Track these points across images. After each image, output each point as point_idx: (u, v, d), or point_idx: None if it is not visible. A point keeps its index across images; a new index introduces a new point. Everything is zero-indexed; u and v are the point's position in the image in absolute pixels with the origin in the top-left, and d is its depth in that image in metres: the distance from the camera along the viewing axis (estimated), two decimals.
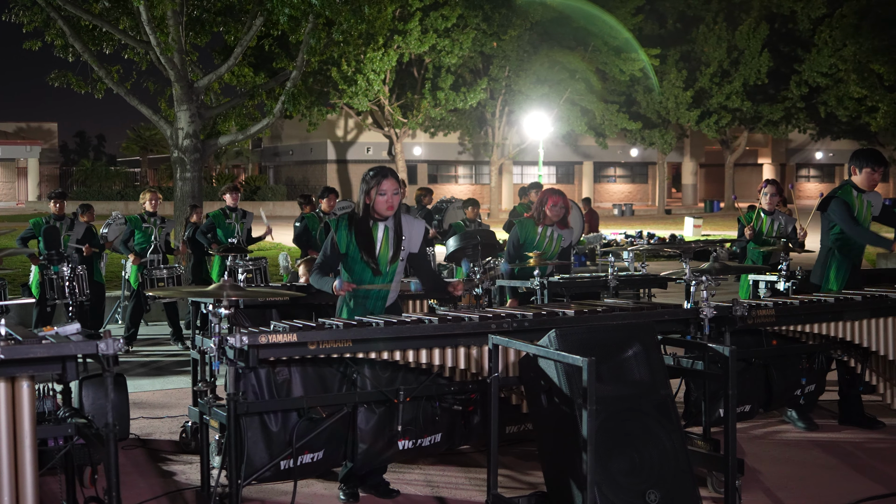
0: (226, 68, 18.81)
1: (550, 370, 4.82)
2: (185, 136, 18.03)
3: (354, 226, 5.84)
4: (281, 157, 60.47)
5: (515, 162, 54.26)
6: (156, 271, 11.59)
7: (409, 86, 42.92)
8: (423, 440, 5.80)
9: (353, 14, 16.82)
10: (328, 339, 5.06)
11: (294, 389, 5.27)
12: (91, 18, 18.58)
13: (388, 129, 43.44)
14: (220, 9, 20.25)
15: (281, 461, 5.22)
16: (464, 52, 37.93)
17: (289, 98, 18.14)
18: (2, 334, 4.02)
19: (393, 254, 5.87)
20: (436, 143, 53.07)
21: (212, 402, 5.14)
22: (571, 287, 8.18)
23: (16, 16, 19.97)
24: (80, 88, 20.41)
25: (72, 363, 4.25)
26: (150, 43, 18.06)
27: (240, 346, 4.76)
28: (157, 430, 7.64)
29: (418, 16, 34.72)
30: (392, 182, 5.79)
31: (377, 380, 5.49)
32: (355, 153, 55.39)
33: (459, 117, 45.02)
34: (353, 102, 36.06)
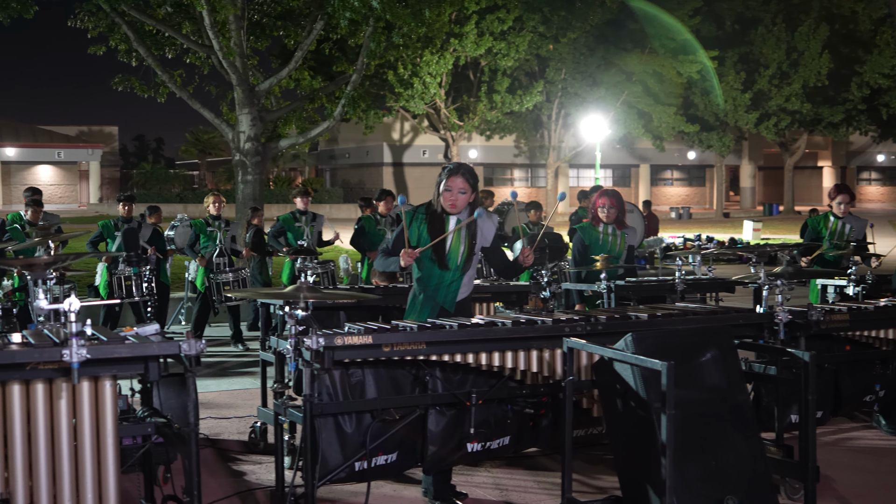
0: (286, 72, 18.98)
1: (626, 374, 4.79)
2: (247, 140, 18.21)
3: (427, 218, 5.84)
4: (337, 159, 60.80)
5: (571, 165, 54.08)
6: (222, 274, 11.68)
7: (465, 89, 42.94)
8: (491, 443, 5.78)
9: (413, 17, 16.90)
10: (402, 341, 5.07)
11: (367, 391, 5.28)
12: (155, 23, 18.85)
13: (444, 131, 43.50)
14: (280, 13, 20.46)
15: (355, 462, 5.23)
16: (520, 54, 37.88)
17: (348, 101, 18.26)
18: (87, 334, 4.08)
19: (465, 249, 5.84)
20: (491, 146, 53.02)
21: (287, 402, 5.17)
22: (639, 290, 8.13)
23: (81, 21, 20.31)
24: (143, 92, 20.72)
25: (154, 363, 4.31)
26: (212, 47, 18.28)
27: (316, 348, 4.79)
28: (224, 430, 7.70)
29: (474, 19, 34.73)
30: (459, 180, 5.75)
31: (448, 382, 5.49)
32: (411, 156, 55.52)
33: (515, 120, 44.97)
34: (409, 105, 36.17)
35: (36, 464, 4.26)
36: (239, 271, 11.82)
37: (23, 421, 4.24)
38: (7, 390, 4.21)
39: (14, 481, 4.24)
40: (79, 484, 4.32)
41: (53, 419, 4.28)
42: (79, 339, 4.01)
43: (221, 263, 11.91)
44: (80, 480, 4.32)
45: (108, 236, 11.54)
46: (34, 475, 4.27)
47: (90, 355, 4.07)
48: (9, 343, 4.29)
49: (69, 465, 4.30)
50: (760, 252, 6.38)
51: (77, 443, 4.30)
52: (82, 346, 4.03)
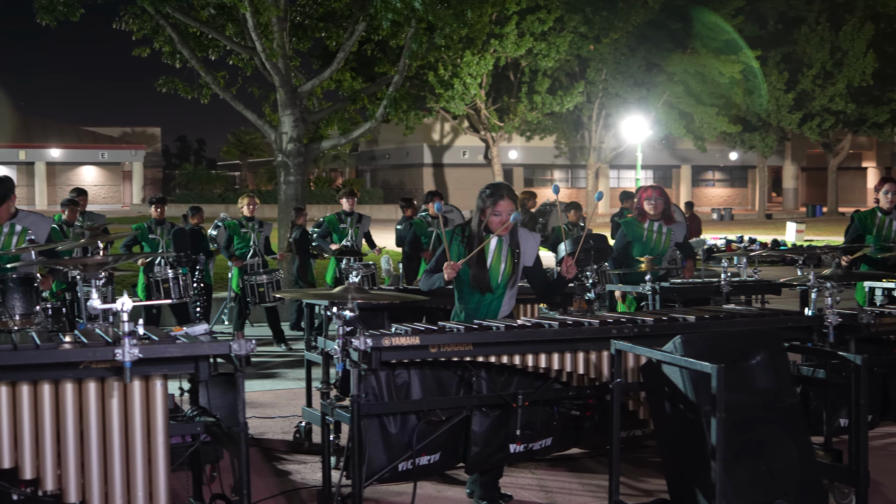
0: (329, 73, 19.03)
1: (675, 376, 4.76)
2: (289, 141, 18.28)
3: (467, 239, 5.83)
4: (377, 160, 60.99)
5: (612, 165, 53.87)
6: (256, 276, 11.72)
7: (506, 89, 42.90)
8: (534, 444, 5.78)
9: (455, 18, 16.88)
10: (449, 342, 5.08)
11: (413, 392, 5.29)
12: (198, 25, 18.98)
13: (485, 132, 43.48)
14: (322, 14, 20.52)
15: (399, 463, 5.24)
16: (560, 55, 37.77)
17: (390, 102, 18.27)
18: (139, 334, 4.12)
19: (506, 268, 5.81)
20: (532, 147, 52.94)
21: (334, 403, 5.19)
22: (683, 292, 8.07)
23: (125, 24, 20.50)
24: (187, 94, 20.87)
25: (204, 363, 4.35)
26: (255, 49, 18.36)
27: (364, 349, 4.80)
28: (269, 429, 7.74)
29: (515, 19, 34.67)
30: (508, 203, 5.76)
31: (493, 383, 5.49)
32: (451, 157, 55.57)
33: (555, 121, 44.87)
34: (449, 106, 36.19)
35: (88, 461, 4.32)
36: (273, 272, 11.86)
37: (75, 419, 4.29)
38: (60, 389, 4.26)
39: (67, 478, 4.30)
40: (130, 482, 4.36)
41: (105, 417, 4.33)
42: (131, 339, 4.05)
43: (255, 265, 11.96)
44: (130, 478, 4.36)
45: (142, 239, 11.62)
46: (86, 472, 4.32)
47: (142, 354, 4.11)
48: (62, 342, 4.34)
49: (120, 463, 4.34)
50: (810, 254, 6.32)
51: (128, 441, 4.35)
52: (135, 345, 4.07)
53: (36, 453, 4.26)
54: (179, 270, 11.05)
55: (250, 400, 8.87)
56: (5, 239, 7.14)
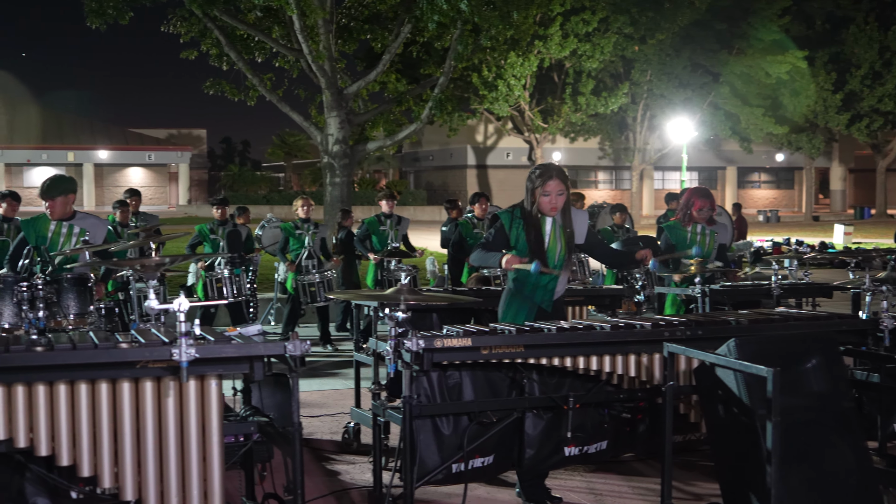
0: (374, 75, 19.13)
1: (729, 380, 4.73)
2: (335, 142, 18.39)
3: (524, 220, 5.87)
4: (421, 162, 61.08)
5: (657, 167, 53.57)
6: (308, 277, 11.79)
7: (550, 91, 42.79)
8: (589, 447, 5.76)
9: (501, 20, 16.89)
10: (501, 343, 5.08)
11: (464, 393, 5.29)
12: (246, 28, 19.15)
13: (529, 134, 43.42)
14: (368, 16, 20.61)
15: (452, 464, 5.25)
16: (605, 56, 37.61)
17: (436, 104, 18.32)
18: (195, 334, 4.16)
19: (561, 248, 5.88)
20: (576, 148, 52.77)
21: (385, 404, 5.20)
22: (734, 295, 8.00)
23: (174, 27, 20.73)
24: (234, 96, 21.06)
25: (259, 363, 4.39)
26: (301, 51, 18.50)
27: (416, 350, 4.82)
28: (317, 429, 7.77)
29: (559, 20, 34.57)
30: (557, 183, 5.81)
31: (545, 385, 5.49)
32: (495, 158, 55.54)
33: (600, 122, 44.69)
34: (493, 108, 36.14)
35: (144, 460, 4.37)
36: (325, 273, 11.93)
37: (132, 418, 4.35)
38: (118, 388, 4.32)
39: (123, 476, 4.35)
40: (185, 480, 4.41)
41: (161, 416, 4.38)
42: (188, 339, 4.09)
43: (310, 266, 12.03)
44: (186, 477, 4.41)
45: (204, 239, 11.76)
46: (142, 471, 4.37)
47: (198, 354, 4.15)
48: (119, 342, 4.40)
49: (176, 462, 4.39)
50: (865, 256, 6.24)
51: (183, 440, 4.39)
52: (191, 345, 4.11)
53: (94, 451, 4.32)
54: (234, 271, 11.16)
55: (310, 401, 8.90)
56: (63, 240, 7.24)
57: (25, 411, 4.25)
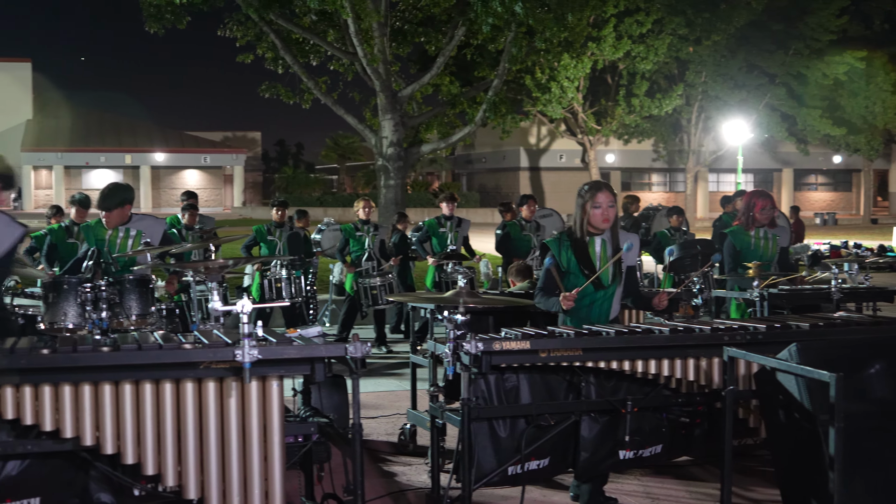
0: (428, 77, 19.19)
1: (790, 385, 4.68)
2: (389, 145, 18.48)
3: (572, 242, 5.88)
4: (474, 164, 61.09)
5: (711, 169, 53.07)
6: (370, 278, 11.84)
7: (603, 92, 42.57)
8: (644, 451, 5.74)
9: (555, 22, 16.87)
10: (559, 347, 5.08)
11: (522, 396, 5.31)
12: (301, 32, 19.31)
13: (582, 136, 43.24)
14: (422, 19, 20.68)
15: (509, 467, 5.26)
16: (659, 57, 37.34)
17: (490, 106, 18.34)
18: (258, 335, 4.21)
19: (613, 268, 5.87)
20: (629, 151, 52.47)
21: (444, 406, 5.23)
22: (793, 299, 7.92)
23: (230, 31, 20.97)
24: (289, 99, 21.24)
25: (320, 364, 4.43)
26: (356, 54, 18.61)
27: (475, 352, 4.84)
28: (372, 430, 7.82)
29: (613, 22, 34.40)
30: (607, 195, 5.83)
31: (602, 388, 5.48)
32: (548, 160, 55.39)
33: (654, 124, 44.36)
34: (546, 110, 36.02)
35: (207, 459, 4.43)
36: (386, 275, 11.97)
37: (195, 417, 4.41)
38: (181, 388, 4.39)
39: (186, 475, 4.42)
40: (246, 480, 4.46)
41: (223, 416, 4.44)
42: (251, 340, 4.14)
43: (370, 268, 12.08)
44: (247, 476, 4.46)
45: (261, 241, 11.87)
46: (205, 470, 4.43)
47: (261, 356, 4.21)
48: (182, 343, 4.46)
49: (238, 462, 4.45)
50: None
51: (245, 440, 4.45)
52: (254, 346, 4.16)
53: (158, 450, 4.39)
54: (293, 273, 11.24)
55: (364, 401, 8.96)
56: (121, 242, 7.36)
57: (92, 410, 4.33)
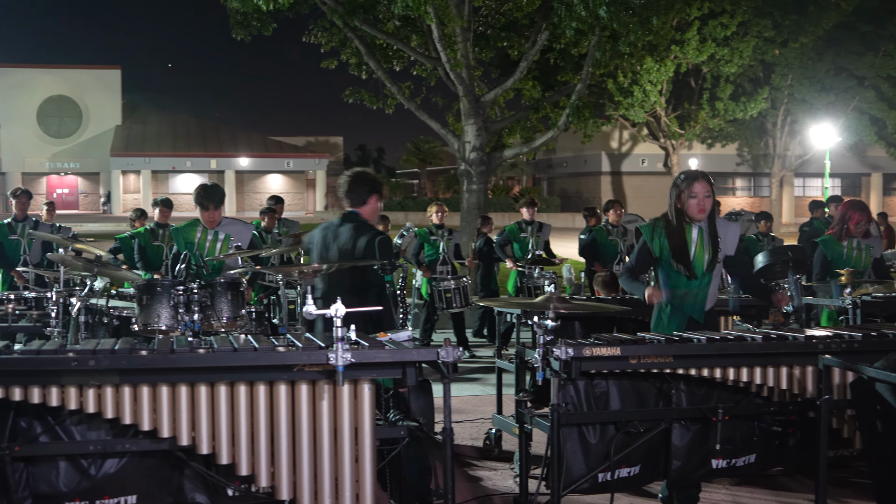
0: (511, 82, 19.18)
1: (888, 395, 4.58)
2: (472, 149, 18.50)
3: (667, 229, 5.81)
4: (555, 168, 60.89)
5: (797, 174, 52.17)
6: (444, 282, 11.86)
7: (686, 96, 42.12)
8: (736, 460, 5.66)
9: (640, 25, 16.73)
10: (650, 353, 5.04)
11: (611, 402, 5.28)
12: (385, 37, 19.45)
13: (664, 140, 42.84)
14: (504, 24, 20.68)
15: (598, 473, 5.23)
16: (744, 60, 36.82)
17: (573, 111, 18.26)
18: (351, 339, 4.25)
19: (709, 256, 5.80)
20: (713, 155, 51.77)
21: (532, 411, 5.22)
22: (887, 306, 7.74)
23: (315, 37, 21.22)
24: (372, 104, 21.41)
25: (412, 368, 4.46)
26: (439, 59, 18.68)
27: (565, 358, 4.82)
28: (457, 435, 7.78)
29: (696, 25, 34.02)
30: (703, 184, 5.76)
31: (693, 396, 5.43)
32: (630, 165, 54.98)
33: (738, 128, 43.72)
34: (628, 114, 35.75)
35: (299, 460, 4.49)
36: (461, 279, 11.98)
37: (288, 419, 4.47)
38: (275, 390, 4.45)
39: (279, 476, 4.48)
40: (338, 481, 4.51)
41: (316, 419, 4.49)
42: (344, 344, 4.19)
43: (444, 272, 12.11)
44: (339, 478, 4.51)
45: None
46: (297, 471, 4.49)
47: (354, 359, 4.25)
48: (276, 346, 4.53)
49: (329, 463, 4.50)
50: None
51: (337, 442, 4.50)
52: (347, 350, 4.21)
53: (251, 451, 4.46)
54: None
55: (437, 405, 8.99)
56: (210, 245, 7.48)
57: (188, 411, 4.42)
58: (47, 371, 4.29)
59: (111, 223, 45.56)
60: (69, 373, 4.28)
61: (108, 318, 7.85)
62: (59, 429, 4.59)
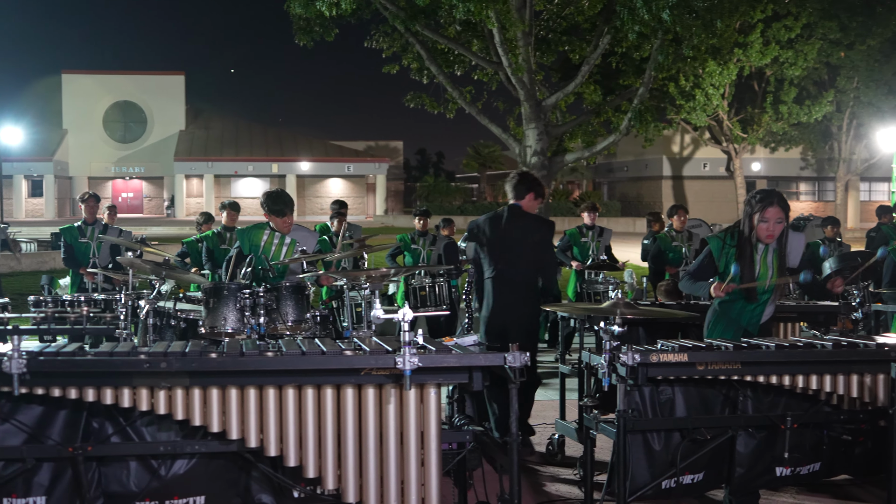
0: (573, 86, 19.12)
1: None
2: (533, 154, 18.48)
3: (738, 249, 5.78)
4: (615, 173, 60.57)
5: (863, 178, 51.34)
6: None
7: (749, 99, 41.69)
8: (801, 468, 5.59)
9: (703, 28, 16.58)
10: (717, 360, 5.00)
11: (677, 409, 5.24)
12: (446, 42, 19.50)
13: (727, 144, 42.44)
14: (566, 28, 20.63)
15: (663, 480, 5.19)
16: (808, 63, 36.34)
17: (635, 115, 18.15)
18: (419, 343, 4.27)
19: (773, 276, 5.78)
20: (776, 159, 51.20)
21: (598, 417, 5.20)
22: None
23: (377, 42, 21.35)
24: (434, 109, 21.47)
25: (478, 373, 4.47)
26: (500, 63, 18.68)
27: (631, 364, 4.79)
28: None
29: (760, 27, 33.64)
30: (777, 210, 5.71)
31: (759, 403, 5.37)
32: (691, 169, 54.51)
33: (802, 131, 43.20)
34: (690, 118, 35.50)
35: (366, 463, 4.51)
36: None
37: (355, 422, 4.50)
38: (342, 393, 4.49)
39: (346, 479, 4.51)
40: (404, 485, 4.53)
41: (382, 422, 4.52)
42: (411, 348, 4.21)
43: None
44: (405, 482, 4.53)
45: (405, 249, 12.02)
46: (364, 474, 4.52)
47: (421, 363, 4.27)
48: (343, 349, 4.56)
49: (396, 467, 4.52)
50: None
51: (403, 446, 4.52)
52: (414, 354, 4.22)
53: (319, 454, 4.50)
54: (439, 280, 11.35)
55: None
56: (276, 249, 7.55)
57: (256, 413, 4.47)
58: (120, 373, 4.37)
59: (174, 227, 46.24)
60: (141, 374, 4.35)
61: (175, 320, 7.96)
62: (131, 429, 4.67)
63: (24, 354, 4.25)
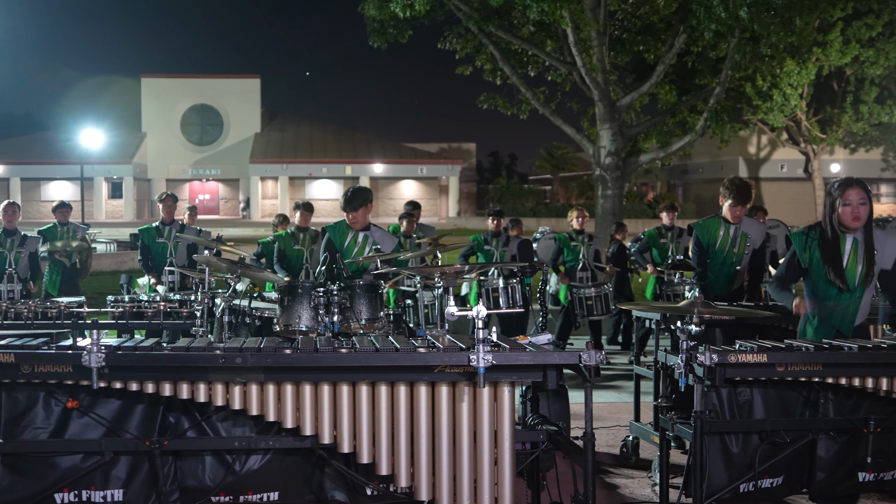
0: (648, 86, 18.95)
1: None
2: (607, 155, 18.35)
3: (821, 240, 5.61)
4: (690, 174, 59.87)
5: None
6: (584, 289, 11.77)
7: (828, 99, 40.91)
8: (886, 474, 5.43)
9: (782, 26, 16.30)
10: (798, 361, 4.89)
11: (755, 411, 5.14)
12: (520, 43, 19.46)
13: (805, 145, 41.69)
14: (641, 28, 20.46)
15: (741, 484, 5.09)
16: (890, 62, 35.50)
17: (712, 115, 17.92)
18: (492, 341, 4.24)
19: (863, 268, 5.57)
20: (856, 160, 50.13)
21: (675, 419, 5.12)
22: None
23: (450, 44, 21.38)
24: (507, 110, 21.44)
25: (552, 372, 4.42)
26: (574, 64, 18.59)
27: (709, 364, 4.71)
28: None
29: (839, 26, 32.98)
30: (858, 191, 5.51)
31: (841, 406, 5.24)
32: (768, 171, 53.66)
33: (883, 132, 42.22)
34: (767, 118, 34.92)
35: (438, 461, 4.50)
36: (602, 286, 11.86)
37: (428, 420, 4.49)
38: (415, 390, 4.47)
39: (419, 477, 4.50)
40: (477, 484, 4.50)
41: (455, 420, 4.50)
42: (485, 346, 4.18)
43: (584, 278, 12.01)
44: (478, 481, 4.50)
45: (478, 250, 12.01)
46: (436, 472, 4.50)
47: (495, 361, 4.24)
48: (417, 347, 4.55)
49: (469, 466, 4.50)
50: None
51: (476, 444, 4.49)
52: (488, 352, 4.20)
53: (392, 451, 4.50)
54: (512, 281, 11.31)
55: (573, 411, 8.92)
56: (358, 249, 7.59)
57: (330, 410, 4.48)
58: (196, 367, 4.41)
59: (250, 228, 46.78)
60: (217, 370, 4.39)
61: (250, 318, 8.03)
62: (206, 424, 4.72)
63: (102, 349, 4.32)
